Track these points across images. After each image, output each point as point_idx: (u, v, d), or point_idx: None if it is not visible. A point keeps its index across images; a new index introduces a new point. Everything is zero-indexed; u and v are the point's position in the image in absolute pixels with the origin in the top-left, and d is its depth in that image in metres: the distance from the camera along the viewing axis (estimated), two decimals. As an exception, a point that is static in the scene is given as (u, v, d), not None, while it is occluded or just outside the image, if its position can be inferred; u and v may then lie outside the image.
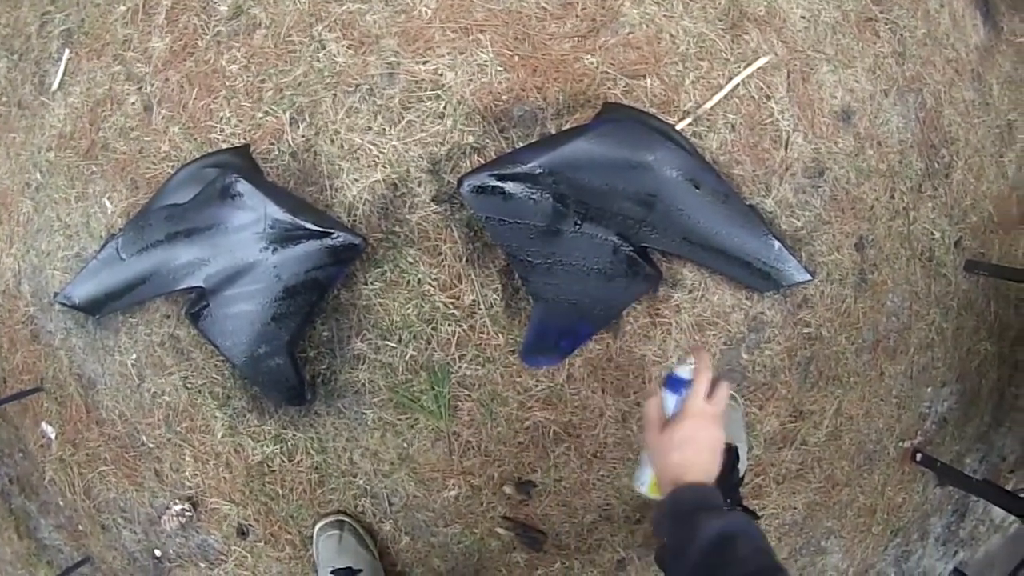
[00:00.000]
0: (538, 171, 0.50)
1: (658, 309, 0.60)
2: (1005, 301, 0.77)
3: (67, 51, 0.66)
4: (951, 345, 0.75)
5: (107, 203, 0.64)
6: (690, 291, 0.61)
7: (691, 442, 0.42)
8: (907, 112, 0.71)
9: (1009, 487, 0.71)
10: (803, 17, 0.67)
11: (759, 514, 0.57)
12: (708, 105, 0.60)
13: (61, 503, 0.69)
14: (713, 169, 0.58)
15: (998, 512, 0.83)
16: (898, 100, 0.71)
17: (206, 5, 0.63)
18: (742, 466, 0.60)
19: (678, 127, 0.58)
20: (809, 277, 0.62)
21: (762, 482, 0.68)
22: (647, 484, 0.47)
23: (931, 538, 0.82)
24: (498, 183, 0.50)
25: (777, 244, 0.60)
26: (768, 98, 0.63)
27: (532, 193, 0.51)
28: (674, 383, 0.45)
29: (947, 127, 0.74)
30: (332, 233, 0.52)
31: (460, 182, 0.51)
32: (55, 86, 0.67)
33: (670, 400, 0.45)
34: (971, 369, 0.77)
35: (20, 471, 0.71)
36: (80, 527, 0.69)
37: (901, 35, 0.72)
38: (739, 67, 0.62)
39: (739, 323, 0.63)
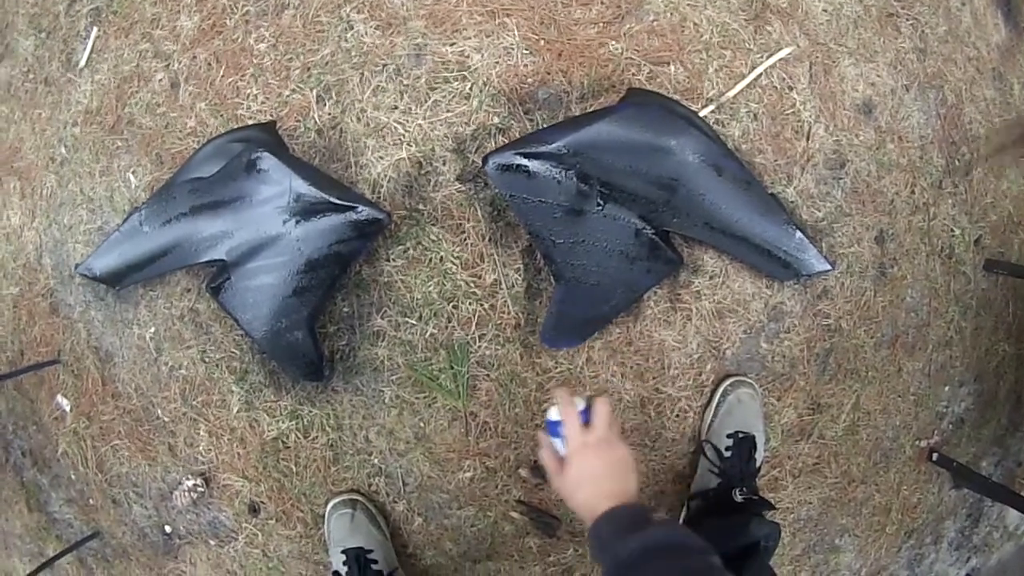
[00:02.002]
0: (563, 151, 0.51)
1: (679, 294, 0.61)
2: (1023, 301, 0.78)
3: (95, 29, 0.68)
4: (969, 344, 0.75)
5: (131, 177, 0.65)
6: (711, 277, 0.62)
7: (586, 477, 0.42)
8: (928, 108, 0.72)
9: None
10: (825, 10, 0.68)
11: (775, 506, 0.57)
12: (731, 93, 0.61)
13: (73, 476, 0.70)
14: (736, 156, 0.59)
15: (1012, 519, 0.82)
16: (919, 96, 0.71)
17: (236, -15, 0.64)
18: (759, 455, 0.60)
19: (701, 114, 0.59)
20: (829, 267, 0.62)
21: (778, 475, 0.67)
22: None
23: (944, 542, 0.81)
24: (523, 161, 0.51)
25: (798, 233, 0.60)
26: (790, 89, 0.64)
27: (556, 173, 0.52)
28: (552, 427, 0.46)
29: (968, 125, 0.74)
30: (356, 207, 0.53)
31: (485, 160, 0.52)
32: (83, 63, 0.68)
33: (556, 444, 0.46)
34: (989, 370, 0.77)
35: (33, 444, 0.72)
36: (91, 501, 0.70)
37: (922, 31, 0.73)
38: (762, 57, 0.63)
39: (759, 312, 0.63)
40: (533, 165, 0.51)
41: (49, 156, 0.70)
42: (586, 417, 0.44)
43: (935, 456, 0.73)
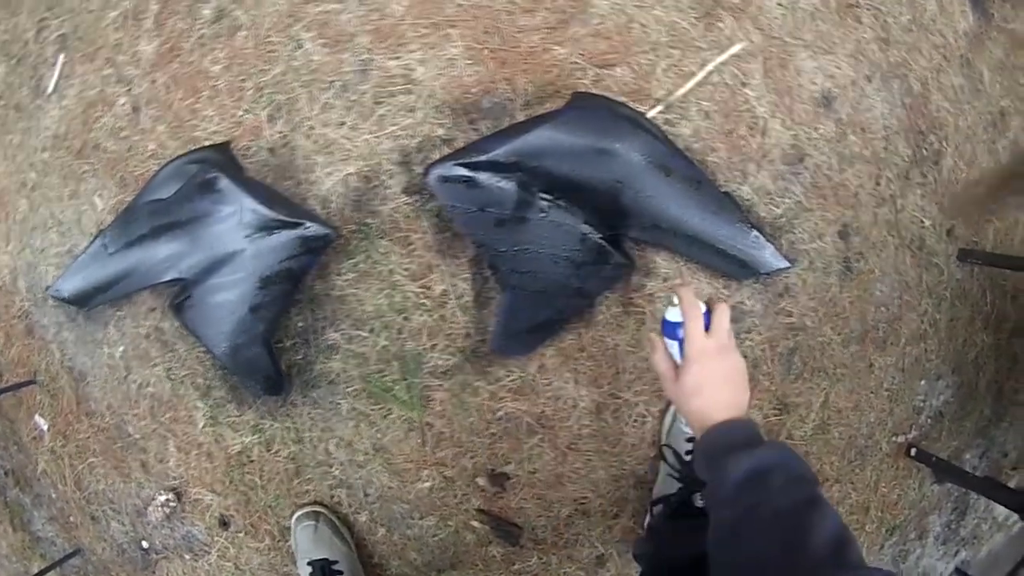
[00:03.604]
0: (503, 159, 0.51)
1: (631, 298, 0.60)
2: (1001, 291, 0.75)
3: (62, 56, 0.70)
4: (945, 336, 0.72)
5: (97, 200, 0.66)
6: (664, 280, 0.61)
7: (704, 384, 0.40)
8: (892, 98, 0.70)
9: (1012, 484, 0.67)
10: (780, 4, 0.66)
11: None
12: (680, 93, 0.60)
13: (53, 495, 0.72)
14: (685, 156, 0.58)
15: (1001, 510, 0.79)
16: (882, 86, 0.69)
17: (191, 8, 0.65)
18: None
19: (649, 115, 0.58)
20: (788, 264, 0.61)
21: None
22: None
23: (930, 537, 0.79)
24: (463, 172, 0.51)
25: (754, 231, 0.59)
26: (743, 85, 0.63)
27: (497, 181, 0.52)
28: (670, 328, 0.43)
29: (935, 113, 0.72)
30: (304, 224, 0.54)
31: (426, 171, 0.52)
32: (50, 89, 0.70)
33: (672, 347, 0.43)
34: (967, 361, 0.74)
35: (15, 464, 0.74)
36: (71, 519, 0.71)
37: (884, 21, 0.71)
38: (712, 55, 0.62)
39: (728, 309, 0.61)
40: (474, 175, 0.51)
41: (21, 181, 0.72)
42: (706, 321, 0.41)
43: (914, 452, 0.71)
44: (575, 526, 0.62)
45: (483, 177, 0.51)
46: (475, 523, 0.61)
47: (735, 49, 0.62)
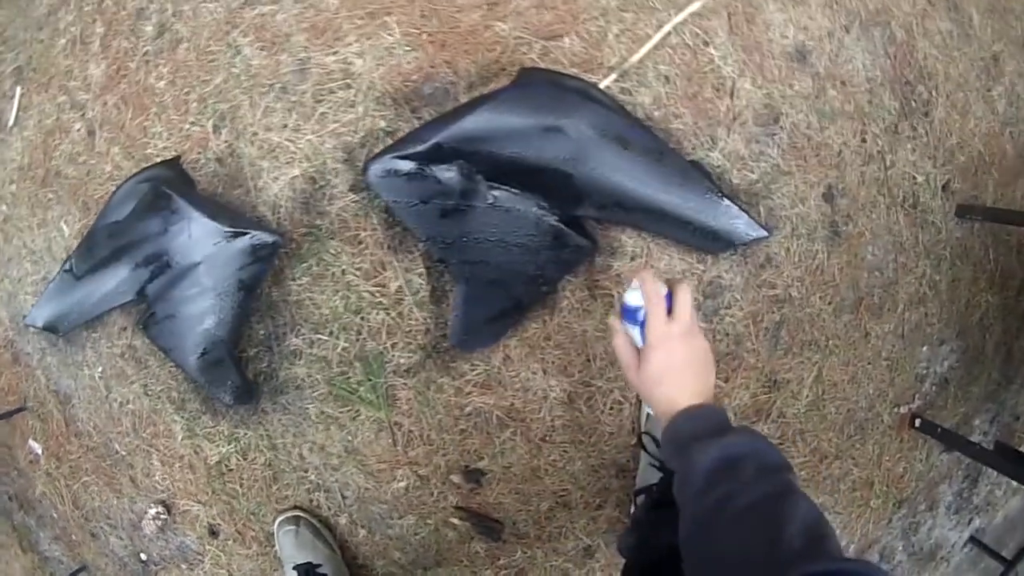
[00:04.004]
0: (441, 147, 0.49)
1: (596, 280, 0.57)
2: (1006, 247, 0.69)
3: (19, 88, 0.70)
4: (947, 299, 0.67)
5: (64, 227, 0.67)
6: (632, 259, 0.58)
7: (668, 371, 0.38)
8: (874, 48, 0.64)
9: None
10: (741, -46, 0.61)
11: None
12: (634, 59, 0.56)
13: (55, 515, 0.74)
14: (644, 126, 0.55)
15: (1018, 475, 0.74)
16: (862, 35, 0.64)
17: (134, 27, 0.65)
18: None
19: (601, 85, 0.55)
20: (765, 233, 0.57)
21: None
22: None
23: (941, 507, 0.74)
24: (401, 164, 0.49)
25: (725, 200, 0.56)
26: (706, 44, 0.59)
27: (439, 171, 0.49)
28: (629, 314, 0.40)
29: (923, 61, 0.66)
30: (249, 233, 0.53)
31: (365, 168, 0.50)
32: (11, 122, 0.71)
33: (633, 332, 0.40)
34: (972, 324, 0.69)
35: (17, 488, 0.76)
36: (74, 537, 0.74)
37: (860, -38, 0.64)
38: (670, 15, 0.57)
39: (692, 289, 0.58)
40: (412, 167, 0.49)
41: (-6, 215, 0.72)
42: (668, 304, 0.39)
43: (918, 422, 0.67)
44: (557, 519, 0.61)
45: (421, 168, 0.49)
46: (455, 520, 0.60)
47: (694, 7, 0.58)
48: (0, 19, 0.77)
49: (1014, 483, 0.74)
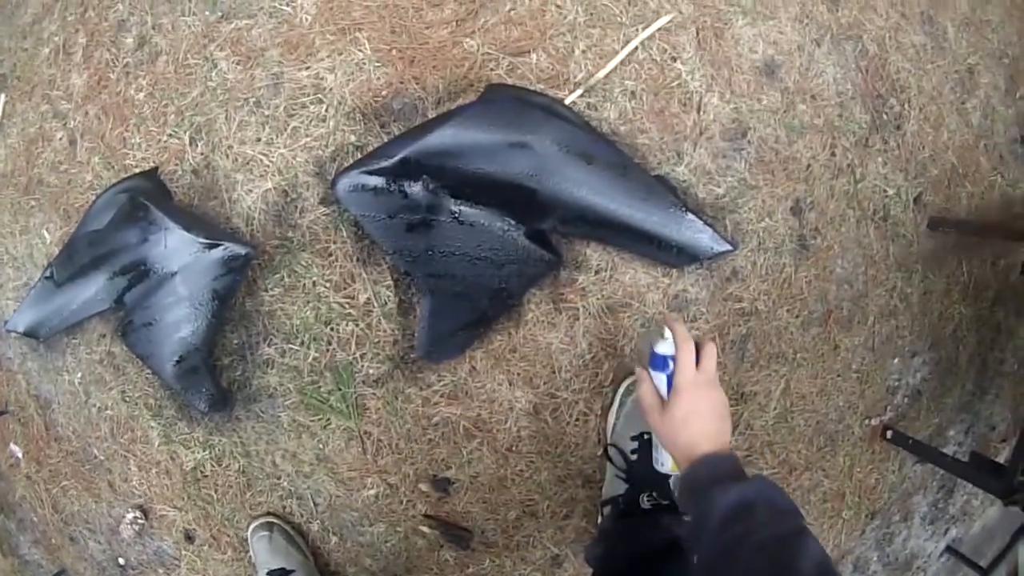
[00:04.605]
0: (408, 162, 0.50)
1: (562, 294, 0.59)
2: (979, 259, 0.71)
3: (2, 96, 0.72)
4: (918, 311, 0.69)
5: (46, 234, 0.69)
6: (596, 272, 0.60)
7: (692, 416, 0.41)
8: (845, 62, 0.66)
9: (1001, 459, 0.63)
10: (711, -31, 0.62)
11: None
12: (601, 74, 0.58)
13: (35, 519, 0.76)
14: (608, 141, 0.56)
15: (991, 486, 0.75)
16: (833, 49, 0.66)
17: (115, 39, 0.67)
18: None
19: (567, 101, 0.57)
20: (729, 247, 0.59)
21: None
22: (668, 465, 0.47)
23: (916, 518, 0.76)
24: (367, 179, 0.51)
25: (689, 214, 0.57)
26: (674, 60, 0.60)
27: (403, 186, 0.51)
28: (658, 361, 0.44)
29: (895, 75, 0.68)
30: (222, 244, 0.55)
31: (333, 183, 0.51)
32: None
33: (660, 380, 0.44)
34: (945, 335, 0.70)
35: None
36: (53, 541, 0.76)
37: (833, -24, 0.66)
38: (637, 30, 0.59)
39: (657, 303, 0.61)
40: (379, 181, 0.51)
41: (-23, 221, 0.75)
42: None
43: (889, 434, 0.68)
44: (524, 528, 0.63)
45: (387, 183, 0.51)
46: (424, 528, 0.61)
47: (661, 22, 0.60)
48: (-14, 27, 0.80)
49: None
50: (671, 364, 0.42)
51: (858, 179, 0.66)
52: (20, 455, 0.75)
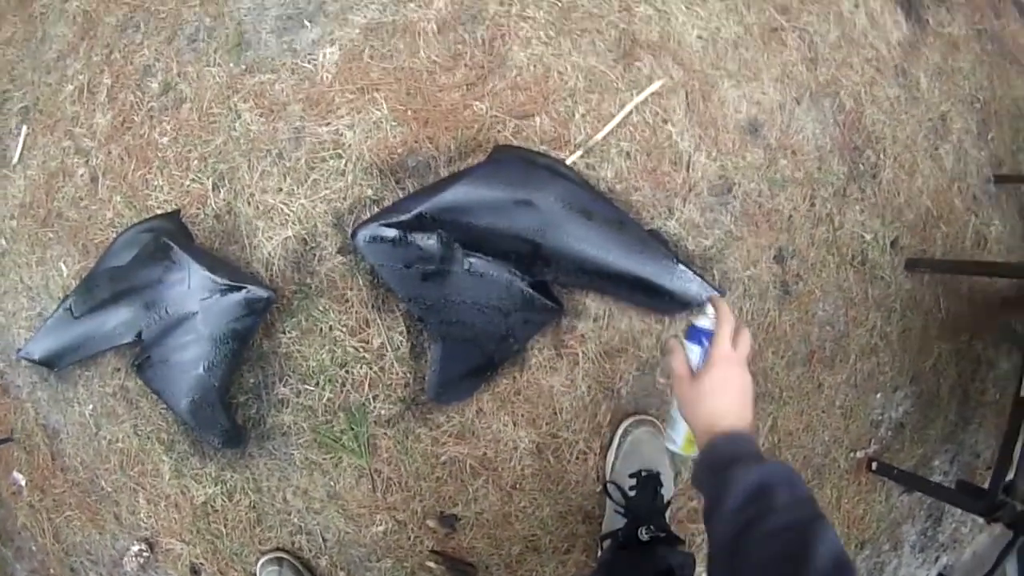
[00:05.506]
0: (423, 217, 0.56)
1: (563, 340, 0.64)
2: (955, 295, 0.77)
3: (25, 127, 0.77)
4: (898, 348, 0.75)
5: (63, 267, 0.73)
6: (595, 319, 0.65)
7: (722, 388, 0.42)
8: (823, 117, 0.73)
9: (987, 484, 0.67)
10: (700, 37, 0.70)
11: (682, 539, 0.58)
12: (598, 136, 0.64)
13: (34, 548, 0.78)
14: (605, 198, 0.62)
15: (978, 512, 0.80)
16: (812, 106, 0.73)
17: (140, 82, 0.72)
18: (666, 492, 0.63)
19: (568, 161, 0.63)
20: (717, 295, 0.64)
21: (698, 505, 0.69)
22: (680, 443, 0.47)
23: (906, 546, 0.81)
24: (386, 232, 0.56)
25: (679, 265, 0.63)
26: (665, 122, 0.67)
27: (420, 238, 0.57)
28: (696, 334, 0.45)
29: (871, 127, 0.75)
30: (245, 287, 0.60)
31: (353, 234, 0.57)
32: (15, 160, 0.77)
33: (693, 352, 0.45)
34: (925, 369, 0.77)
35: None
36: (52, 571, 0.78)
37: (811, 41, 0.74)
38: (631, 95, 0.65)
39: (651, 347, 0.66)
40: (396, 234, 0.56)
41: (-8, 249, 0.78)
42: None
43: (874, 465, 0.74)
44: (527, 563, 0.66)
45: (404, 235, 0.56)
46: (431, 563, 0.65)
47: (653, 88, 0.67)
48: (9, 57, 0.84)
49: (979, 521, 0.80)
50: (705, 341, 0.43)
51: (837, 227, 0.73)
52: (23, 483, 0.76)
